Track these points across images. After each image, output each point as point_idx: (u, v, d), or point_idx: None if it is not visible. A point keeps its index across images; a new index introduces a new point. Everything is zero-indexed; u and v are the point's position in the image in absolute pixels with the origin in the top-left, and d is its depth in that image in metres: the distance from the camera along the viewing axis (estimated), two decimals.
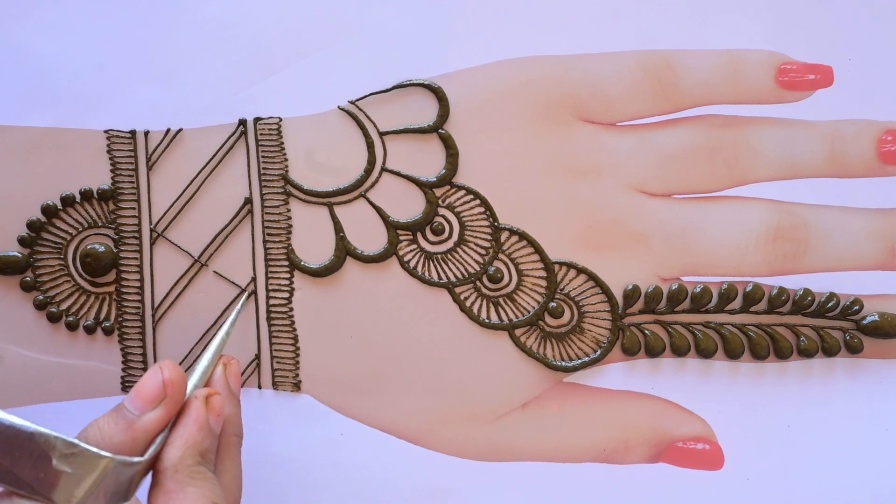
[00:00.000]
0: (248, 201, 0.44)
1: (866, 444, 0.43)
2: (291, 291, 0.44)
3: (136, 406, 0.34)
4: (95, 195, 0.44)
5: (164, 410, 0.35)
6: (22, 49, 0.44)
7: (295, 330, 0.44)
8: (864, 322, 0.43)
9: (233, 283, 0.44)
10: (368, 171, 0.44)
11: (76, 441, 0.32)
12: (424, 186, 0.44)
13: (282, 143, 0.44)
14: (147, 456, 0.34)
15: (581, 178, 0.43)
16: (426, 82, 0.43)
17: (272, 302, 0.44)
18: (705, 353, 0.43)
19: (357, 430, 0.44)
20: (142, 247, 0.44)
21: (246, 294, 0.43)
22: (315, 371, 0.44)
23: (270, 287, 0.44)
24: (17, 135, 0.44)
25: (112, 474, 0.32)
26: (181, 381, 0.36)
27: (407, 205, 0.44)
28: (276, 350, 0.44)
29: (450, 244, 0.44)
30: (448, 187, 0.44)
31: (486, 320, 0.44)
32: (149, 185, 0.44)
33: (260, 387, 0.44)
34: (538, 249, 0.44)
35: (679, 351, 0.43)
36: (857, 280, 0.43)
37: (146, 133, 0.44)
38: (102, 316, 0.44)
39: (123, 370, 0.44)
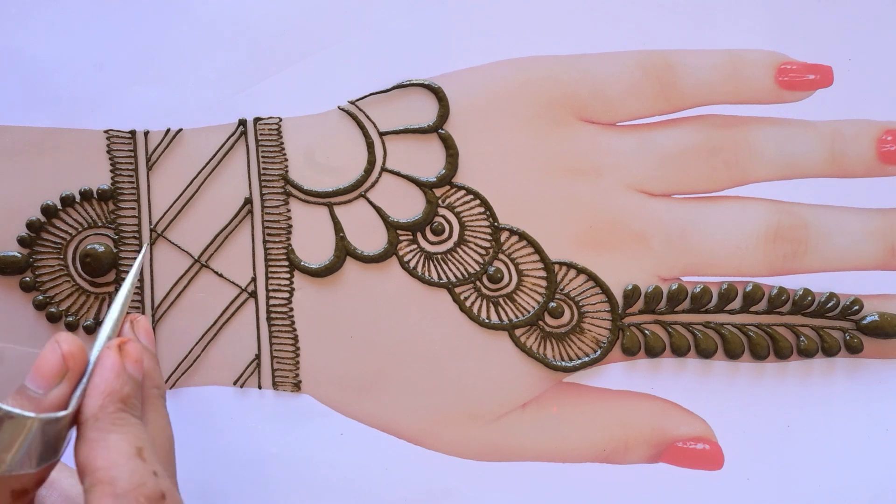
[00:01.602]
0: (248, 201, 0.44)
1: (866, 444, 0.43)
2: (291, 291, 0.44)
3: (39, 385, 0.33)
4: (95, 195, 0.44)
5: (69, 385, 0.34)
6: (22, 49, 0.44)
7: (295, 330, 0.44)
8: (864, 322, 0.43)
9: (233, 283, 0.44)
10: (368, 171, 0.44)
11: None
12: (424, 186, 0.44)
13: (282, 143, 0.44)
14: (71, 408, 0.33)
15: (581, 178, 0.43)
16: (426, 82, 0.43)
17: (272, 302, 0.44)
18: (705, 353, 0.43)
19: (357, 430, 0.44)
20: (142, 247, 0.44)
21: (147, 245, 0.42)
22: (315, 371, 0.44)
23: (270, 287, 0.44)
24: (17, 135, 0.44)
25: (39, 433, 0.32)
26: (81, 352, 0.34)
27: (407, 205, 0.44)
28: (276, 350, 0.44)
29: (450, 244, 0.44)
30: (448, 187, 0.44)
31: (486, 320, 0.44)
32: (149, 185, 0.44)
33: (260, 387, 0.44)
34: (538, 249, 0.44)
35: (679, 351, 0.43)
36: (857, 280, 0.43)
37: (146, 133, 0.44)
38: (102, 316, 0.44)
39: None
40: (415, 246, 0.44)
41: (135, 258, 0.44)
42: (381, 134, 0.44)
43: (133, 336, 0.38)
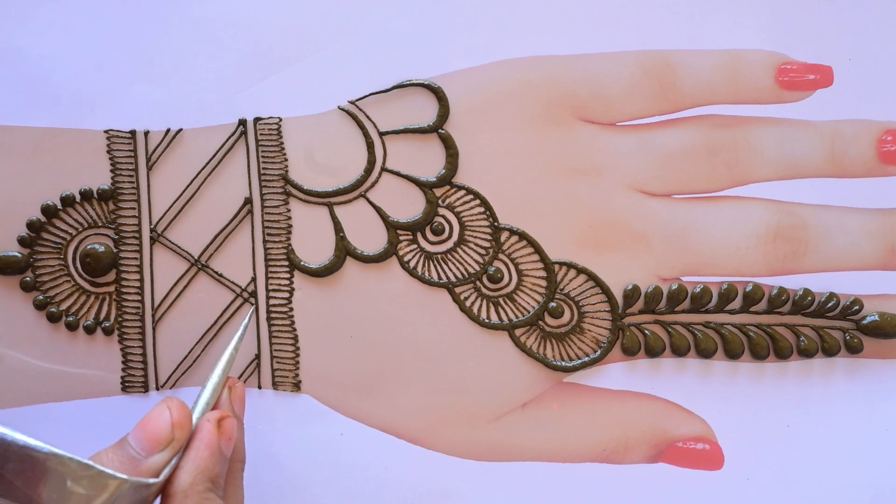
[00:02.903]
0: (248, 201, 0.44)
1: (866, 444, 0.43)
2: (291, 291, 0.44)
3: (143, 447, 0.34)
4: (95, 195, 0.44)
5: (171, 452, 0.34)
6: (22, 49, 0.44)
7: (295, 330, 0.44)
8: (864, 322, 0.43)
9: (233, 282, 0.44)
10: (368, 171, 0.44)
11: (91, 463, 0.32)
12: (424, 186, 0.44)
13: (282, 143, 0.44)
14: (162, 477, 0.34)
15: (581, 178, 0.43)
16: (426, 82, 0.43)
17: (272, 302, 0.44)
18: (705, 353, 0.43)
19: (357, 430, 0.44)
20: (142, 247, 0.44)
21: (252, 311, 0.43)
22: (315, 371, 0.44)
23: (270, 287, 0.44)
24: (17, 135, 0.44)
25: (126, 495, 0.32)
26: (188, 423, 0.35)
27: (407, 205, 0.44)
28: (276, 350, 0.44)
29: (450, 244, 0.44)
30: (448, 187, 0.44)
31: (486, 320, 0.44)
32: (149, 185, 0.44)
33: (260, 387, 0.44)
34: (538, 249, 0.44)
35: (679, 351, 0.43)
36: (857, 280, 0.43)
37: (146, 133, 0.44)
38: (102, 316, 0.44)
39: (123, 370, 0.44)
40: (415, 246, 0.44)
41: (135, 258, 0.44)
42: (381, 134, 0.44)
43: (229, 404, 0.38)
